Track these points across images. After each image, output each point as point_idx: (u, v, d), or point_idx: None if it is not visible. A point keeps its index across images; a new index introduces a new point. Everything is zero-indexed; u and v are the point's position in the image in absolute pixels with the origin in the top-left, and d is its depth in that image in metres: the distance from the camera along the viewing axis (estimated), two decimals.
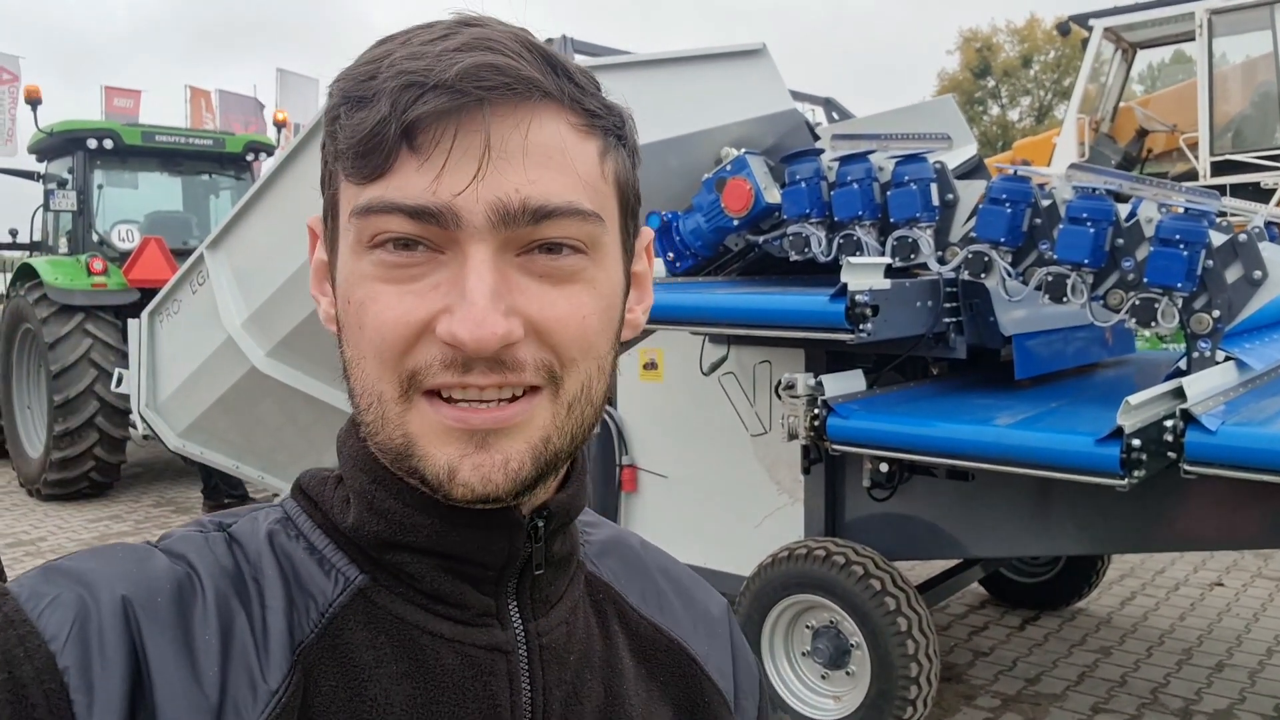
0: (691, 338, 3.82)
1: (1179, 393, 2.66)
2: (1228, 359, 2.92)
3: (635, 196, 0.66)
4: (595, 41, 4.37)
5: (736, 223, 3.58)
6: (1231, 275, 2.85)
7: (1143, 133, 9.16)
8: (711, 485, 3.92)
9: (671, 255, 3.76)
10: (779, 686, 3.43)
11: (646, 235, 0.70)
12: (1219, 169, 8.24)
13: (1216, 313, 2.85)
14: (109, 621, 0.54)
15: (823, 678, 3.39)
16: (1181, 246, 2.83)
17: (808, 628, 3.40)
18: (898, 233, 3.27)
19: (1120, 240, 2.95)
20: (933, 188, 3.25)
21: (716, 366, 3.80)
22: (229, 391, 4.74)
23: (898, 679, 3.10)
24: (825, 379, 3.15)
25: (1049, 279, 3.02)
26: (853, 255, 3.22)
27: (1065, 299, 3.01)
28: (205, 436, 5.19)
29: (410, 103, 0.55)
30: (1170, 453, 2.60)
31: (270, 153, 8.84)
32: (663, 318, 3.30)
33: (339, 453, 0.66)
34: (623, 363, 4.13)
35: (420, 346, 0.57)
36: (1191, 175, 8.32)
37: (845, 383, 3.23)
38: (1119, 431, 2.53)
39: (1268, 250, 2.89)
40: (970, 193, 3.24)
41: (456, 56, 0.55)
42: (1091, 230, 2.93)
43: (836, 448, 3.12)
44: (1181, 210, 2.89)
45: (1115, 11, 9.09)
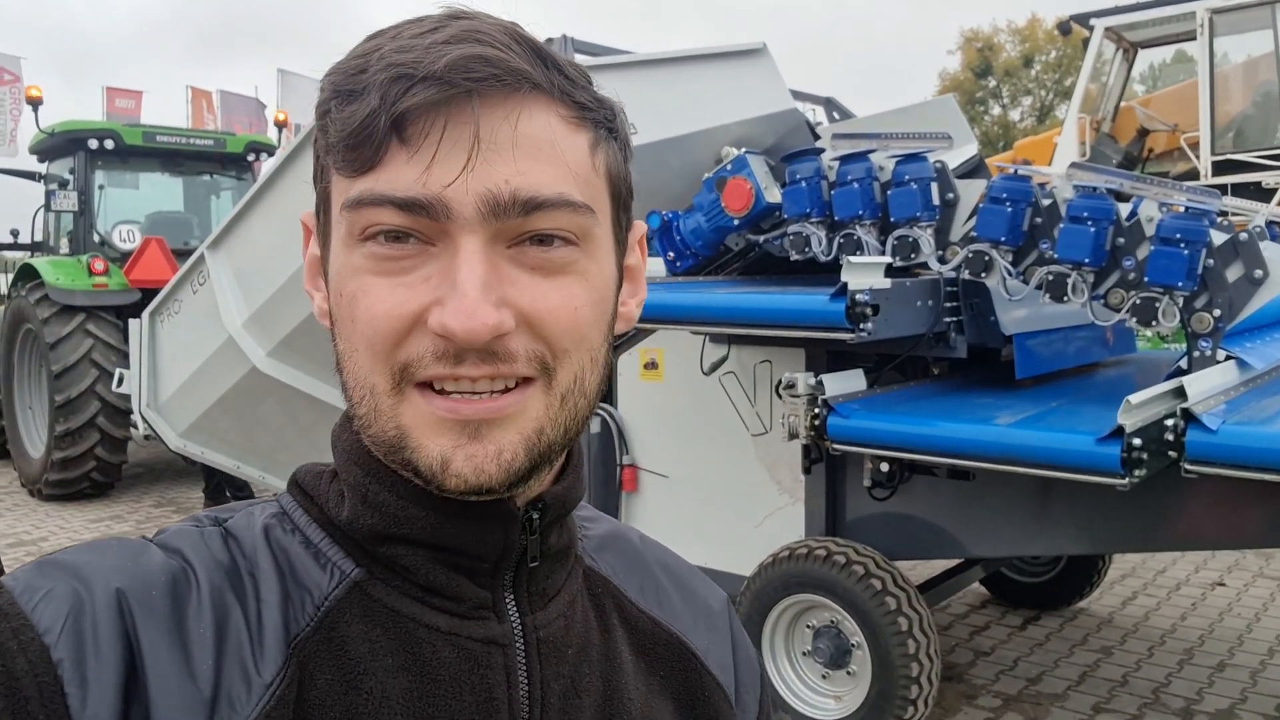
0: (692, 337, 3.82)
1: (1180, 392, 2.66)
2: (1229, 358, 2.92)
3: (627, 190, 0.66)
4: (595, 41, 4.37)
5: (737, 222, 3.58)
6: (1232, 274, 2.85)
7: (1144, 132, 9.15)
8: (712, 485, 3.92)
9: (672, 255, 3.76)
10: (780, 686, 3.43)
11: (639, 229, 0.70)
12: (1220, 168, 8.23)
13: (1217, 312, 2.85)
14: (103, 615, 0.54)
15: (823, 677, 3.38)
16: (1182, 245, 2.82)
17: (808, 627, 3.40)
18: (898, 232, 3.27)
19: (1121, 239, 2.95)
20: (933, 187, 3.25)
21: (717, 366, 3.80)
22: (230, 392, 4.74)
23: (898, 679, 3.10)
24: (826, 378, 3.15)
25: (1050, 278, 3.02)
26: (853, 254, 3.22)
27: (1066, 298, 3.00)
28: (206, 437, 5.20)
29: (399, 95, 0.55)
30: (1171, 452, 2.59)
31: (271, 153, 8.85)
32: (663, 317, 3.30)
33: (333, 447, 0.66)
34: (623, 362, 4.13)
35: (412, 339, 0.57)
36: (1193, 175, 8.31)
37: (846, 382, 3.23)
38: (1120, 431, 2.53)
39: (1269, 249, 2.89)
40: (971, 192, 3.24)
41: (445, 49, 0.55)
42: (1092, 229, 2.93)
43: (837, 447, 3.11)
44: (1182, 209, 2.89)
45: (1116, 11, 9.08)
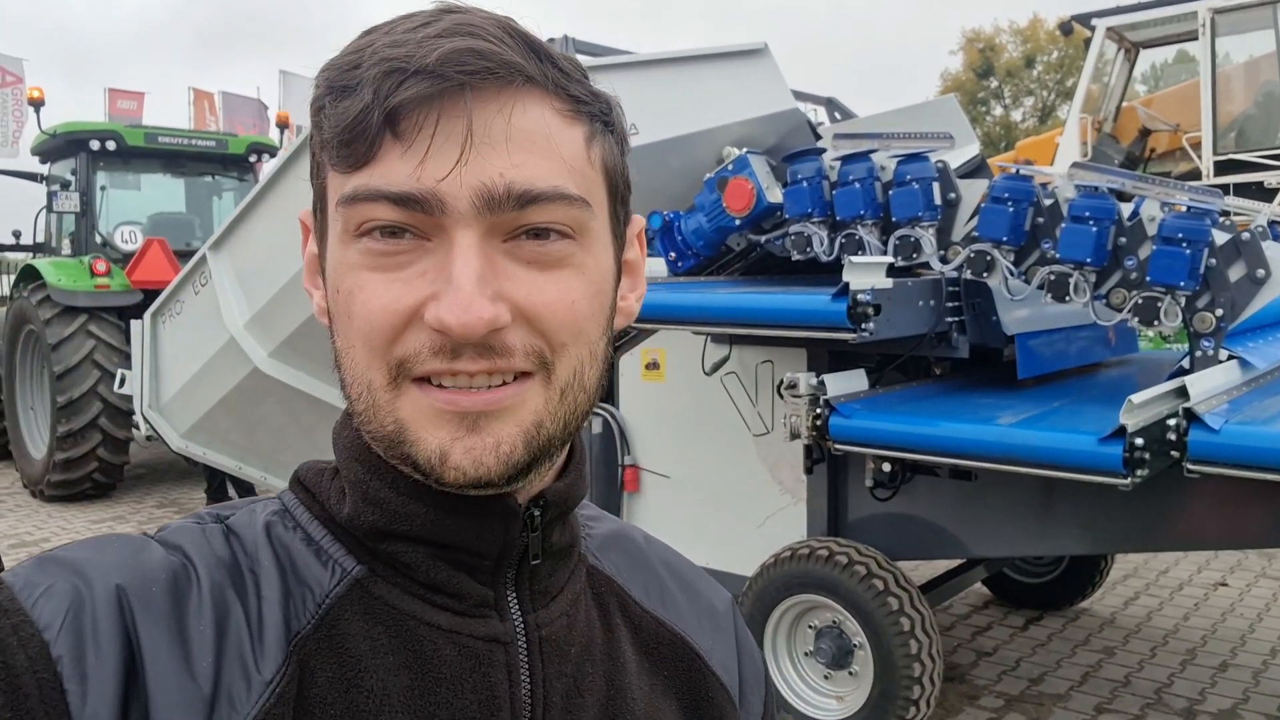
0: (693, 338, 3.82)
1: (1182, 391, 2.66)
2: (1231, 358, 2.92)
3: (625, 183, 0.65)
4: (596, 41, 4.37)
5: (738, 222, 3.58)
6: (1235, 274, 2.84)
7: (1146, 132, 9.14)
8: (714, 485, 3.91)
9: (673, 255, 3.75)
10: (782, 686, 3.42)
11: (638, 223, 0.69)
12: (1222, 168, 8.22)
13: (1220, 311, 2.84)
14: (103, 611, 0.54)
15: (825, 678, 3.38)
16: (1185, 245, 2.82)
17: (810, 628, 3.39)
18: (900, 232, 3.27)
19: (1123, 239, 2.94)
20: (935, 187, 3.25)
21: (719, 366, 3.79)
22: (231, 392, 4.75)
23: (900, 679, 3.10)
24: (827, 378, 3.14)
25: (1051, 278, 3.02)
26: (855, 254, 3.21)
27: (1068, 298, 3.00)
28: (208, 437, 5.20)
29: (392, 89, 0.54)
30: (1173, 452, 2.59)
31: (273, 154, 8.86)
32: (665, 317, 3.30)
33: (334, 445, 0.66)
34: (625, 363, 4.13)
35: (409, 334, 0.57)
36: (1194, 175, 8.30)
37: (847, 382, 3.23)
38: (1122, 430, 2.53)
39: (1271, 249, 2.88)
40: (972, 192, 3.24)
41: (437, 42, 0.55)
42: (1094, 229, 2.93)
43: (839, 447, 3.11)
44: (1184, 209, 2.88)
45: (1118, 11, 9.07)
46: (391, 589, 0.62)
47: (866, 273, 2.94)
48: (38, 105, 8.48)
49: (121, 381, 6.73)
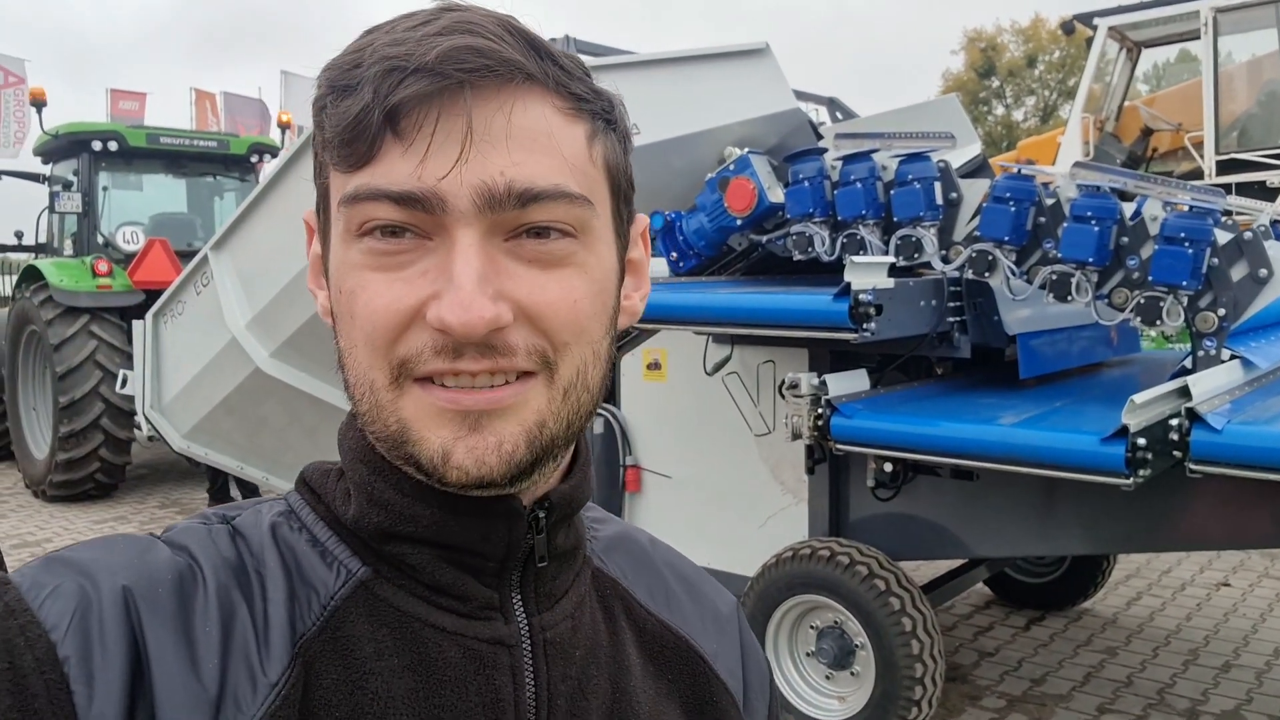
0: (695, 338, 3.82)
1: (1184, 391, 2.65)
2: (1233, 357, 2.91)
3: (627, 182, 0.65)
4: (596, 41, 4.37)
5: (740, 222, 3.58)
6: (1237, 273, 2.84)
7: (1148, 132, 9.13)
8: (715, 485, 3.91)
9: (675, 255, 3.75)
10: (783, 687, 3.42)
11: (642, 222, 0.69)
12: (1224, 168, 8.21)
13: (1222, 311, 2.84)
14: (110, 612, 0.54)
15: (827, 678, 3.38)
16: (1187, 245, 2.82)
17: (812, 628, 3.39)
18: (901, 232, 3.27)
19: (1125, 238, 2.94)
20: (936, 186, 3.24)
21: (720, 366, 3.79)
22: (233, 393, 4.75)
23: (902, 679, 3.09)
24: (829, 378, 3.14)
25: (1053, 278, 3.02)
26: (856, 254, 3.21)
27: (1070, 298, 3.00)
28: (209, 438, 5.20)
29: (392, 88, 0.54)
30: (1176, 452, 2.59)
31: (274, 154, 8.86)
32: (666, 317, 3.30)
33: (339, 446, 0.66)
34: (626, 363, 4.13)
35: (411, 333, 0.57)
36: (1197, 174, 8.29)
37: (849, 382, 3.23)
38: (1124, 430, 2.52)
39: (1273, 248, 2.88)
40: (974, 191, 3.24)
41: (437, 40, 0.55)
42: (1096, 228, 2.92)
43: (840, 447, 3.11)
44: (1187, 208, 2.88)
45: (1120, 10, 9.06)
46: (396, 591, 0.62)
47: (868, 273, 2.94)
48: (40, 106, 8.48)
49: (123, 382, 6.74)
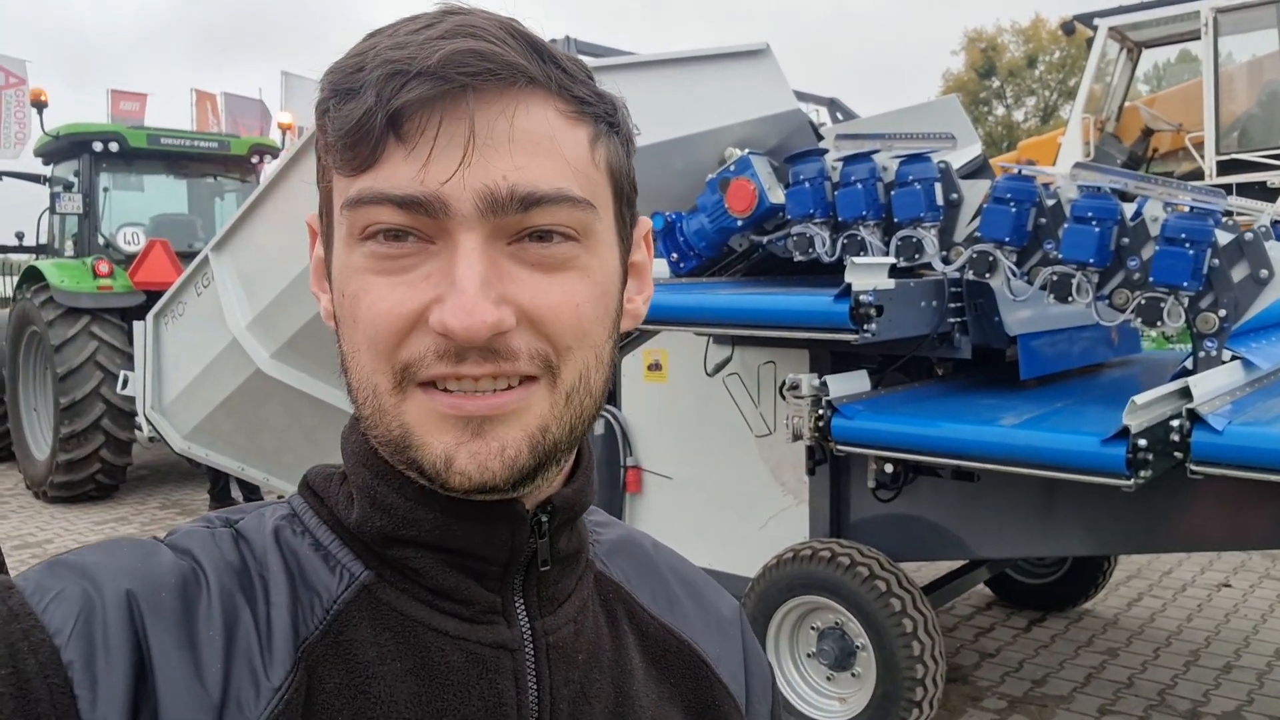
0: (696, 339, 3.82)
1: (1185, 392, 2.65)
2: (1234, 358, 2.91)
3: (630, 185, 0.65)
4: (596, 42, 4.37)
5: (740, 223, 3.58)
6: (1238, 274, 2.84)
7: (1148, 132, 9.12)
8: (716, 486, 3.91)
9: (675, 256, 3.76)
10: (784, 688, 3.42)
11: (645, 225, 0.69)
12: (1225, 168, 8.21)
13: (1223, 312, 2.84)
14: (113, 616, 0.54)
15: (828, 679, 3.38)
16: (1188, 245, 2.82)
17: (813, 629, 3.39)
18: (902, 233, 3.27)
19: (1126, 239, 2.94)
20: (937, 187, 3.24)
21: (721, 367, 3.79)
22: (234, 394, 4.75)
23: (903, 680, 3.09)
24: (830, 379, 3.14)
25: (1054, 278, 3.01)
26: (857, 255, 3.21)
27: (1070, 298, 3.00)
28: (210, 439, 5.20)
29: (395, 92, 0.54)
30: (1177, 453, 2.59)
31: (275, 155, 8.86)
32: (667, 318, 3.30)
33: (342, 449, 0.66)
34: (627, 364, 4.13)
35: (413, 338, 0.57)
36: (1197, 174, 8.29)
37: (850, 383, 3.23)
38: (1125, 431, 2.52)
39: (1274, 249, 2.88)
40: (975, 192, 3.24)
41: (439, 44, 0.55)
42: (1097, 229, 2.92)
43: (841, 448, 3.11)
44: (1187, 209, 2.88)
45: (1120, 11, 9.06)
46: (399, 595, 0.62)
47: (869, 274, 2.94)
48: (40, 107, 8.49)
49: (124, 383, 6.74)
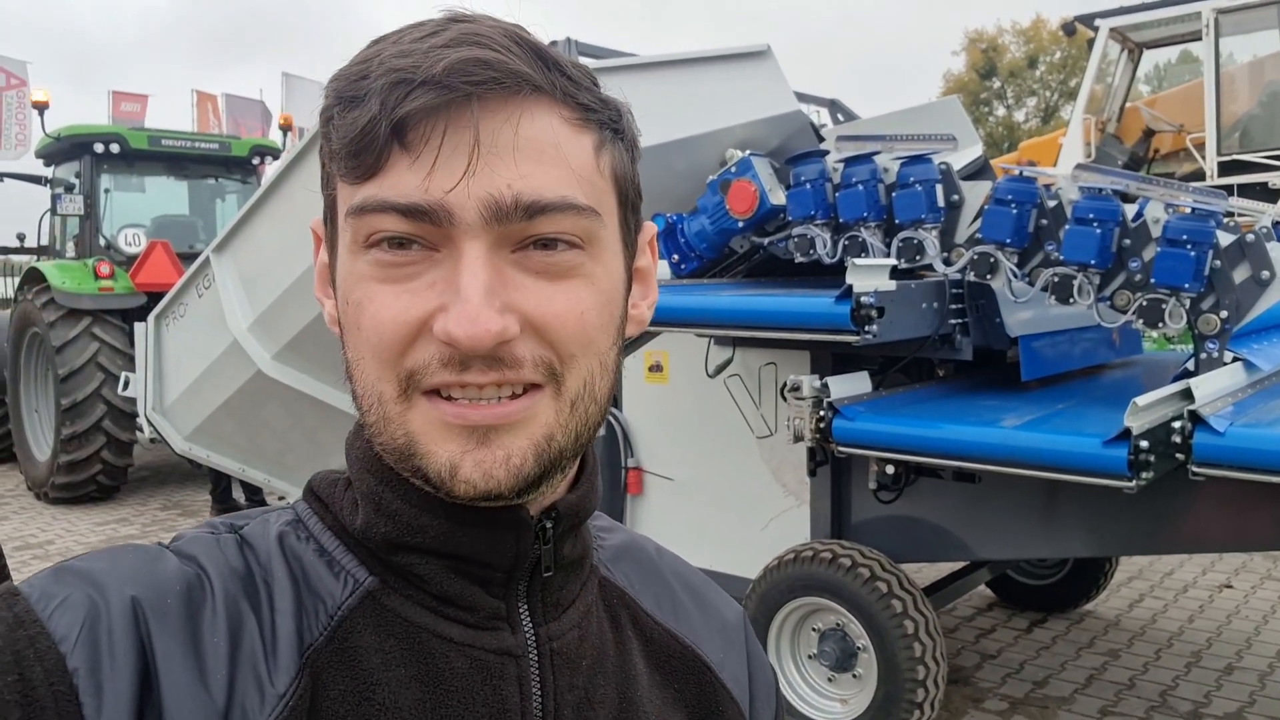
0: (697, 340, 3.82)
1: (1187, 394, 2.65)
2: (1235, 360, 2.91)
3: (635, 191, 0.65)
4: (597, 43, 4.37)
5: (741, 224, 3.58)
6: (1239, 275, 2.84)
7: (1149, 133, 9.12)
8: (717, 488, 3.91)
9: (676, 257, 3.76)
10: (786, 689, 3.42)
11: (649, 230, 0.69)
12: (1226, 169, 8.20)
13: (1224, 313, 2.84)
14: (118, 623, 0.54)
15: (829, 680, 3.38)
16: (1189, 247, 2.82)
17: (814, 630, 3.39)
18: (903, 234, 3.27)
19: (1127, 241, 2.94)
20: (938, 189, 3.24)
21: (722, 369, 3.79)
22: (235, 395, 4.75)
23: (905, 681, 3.09)
24: (831, 381, 3.14)
25: (1055, 280, 3.01)
26: (858, 257, 3.21)
27: (1072, 300, 3.00)
28: (211, 440, 5.20)
29: (399, 100, 0.54)
30: (1178, 454, 2.59)
31: (276, 156, 8.87)
32: (668, 320, 3.30)
33: (347, 455, 0.66)
34: (628, 365, 4.13)
35: (418, 346, 0.57)
36: (1198, 175, 8.28)
37: (851, 384, 3.23)
38: (1127, 433, 2.52)
39: (1276, 250, 2.88)
40: (976, 194, 3.24)
41: (444, 52, 0.55)
42: (1098, 231, 2.92)
43: (842, 450, 3.11)
44: (1189, 210, 2.88)
45: (1121, 11, 9.06)
46: (404, 601, 0.62)
47: (870, 275, 2.94)
48: (42, 108, 8.49)
49: (125, 384, 6.73)
